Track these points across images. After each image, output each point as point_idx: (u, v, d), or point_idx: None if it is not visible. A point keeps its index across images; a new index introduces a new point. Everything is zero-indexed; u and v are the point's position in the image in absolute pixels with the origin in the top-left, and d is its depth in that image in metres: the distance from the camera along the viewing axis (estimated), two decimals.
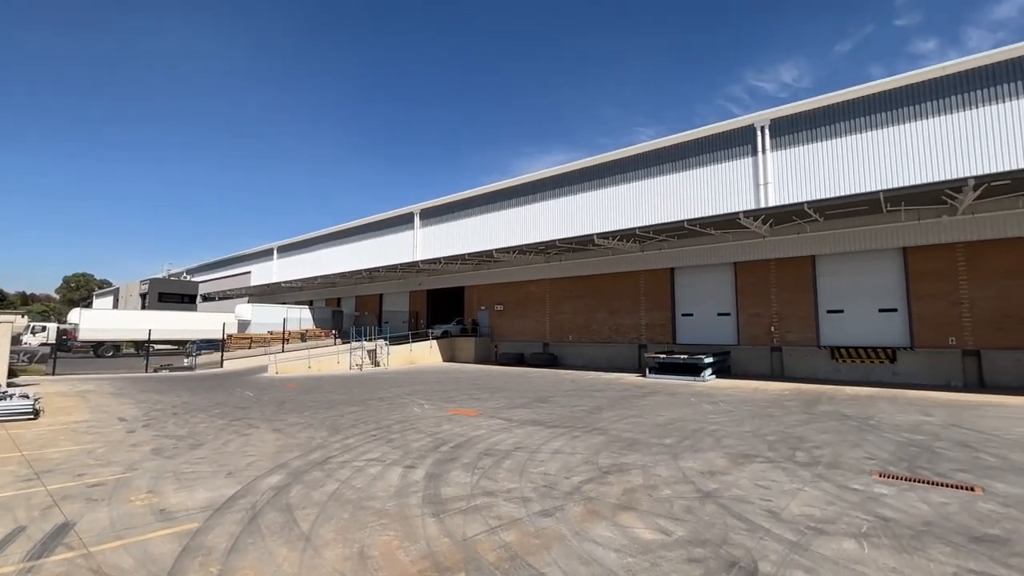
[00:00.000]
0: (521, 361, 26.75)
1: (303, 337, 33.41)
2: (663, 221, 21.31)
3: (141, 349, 32.75)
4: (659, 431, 9.38)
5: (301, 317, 36.36)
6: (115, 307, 58.82)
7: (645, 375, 19.53)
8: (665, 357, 19.13)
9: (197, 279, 60.65)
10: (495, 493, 5.86)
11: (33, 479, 6.58)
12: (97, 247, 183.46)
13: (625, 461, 7.25)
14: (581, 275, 25.92)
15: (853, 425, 9.78)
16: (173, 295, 52.42)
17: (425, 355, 28.59)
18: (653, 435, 9.02)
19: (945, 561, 4.09)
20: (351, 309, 41.68)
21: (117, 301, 63.11)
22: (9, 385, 15.57)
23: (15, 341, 21.60)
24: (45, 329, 37.56)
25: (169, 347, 35.34)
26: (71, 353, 33.27)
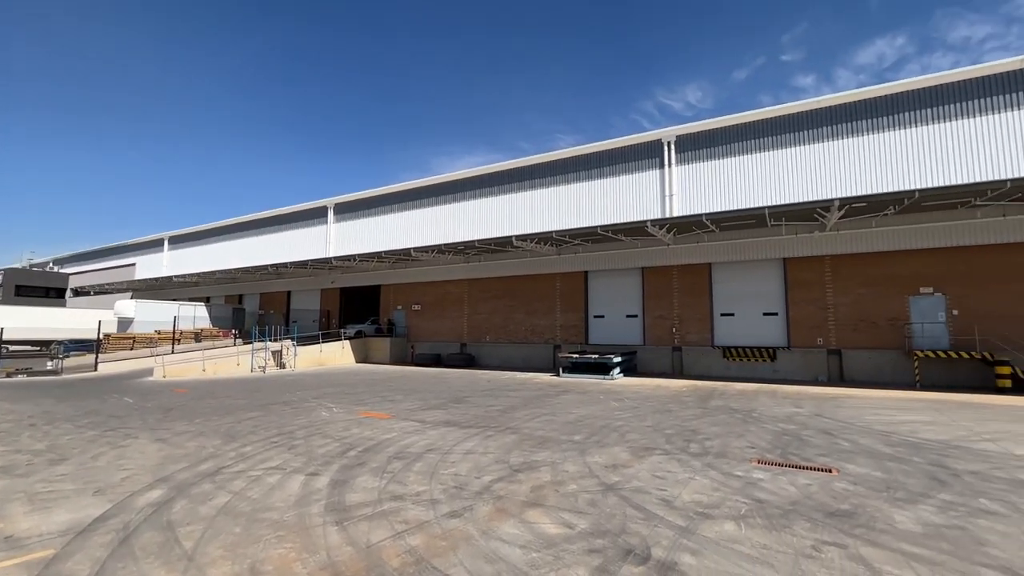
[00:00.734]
0: (438, 362, 26.48)
1: (197, 337, 30.52)
2: (579, 226, 22.17)
3: None
4: (569, 428, 9.73)
5: (196, 315, 33.20)
6: None
7: (559, 374, 20.17)
8: (578, 357, 19.88)
9: (68, 271, 53.12)
10: (403, 497, 5.74)
11: None
12: None
13: (536, 459, 7.43)
14: (499, 276, 26.21)
15: (739, 418, 10.80)
16: (35, 288, 45.39)
17: (337, 356, 27.33)
18: (563, 432, 9.33)
19: (805, 536, 4.64)
20: (255, 307, 38.78)
21: None
22: None
23: None
24: None
25: (29, 348, 30.59)
26: None
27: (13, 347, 28.41)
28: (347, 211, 33.06)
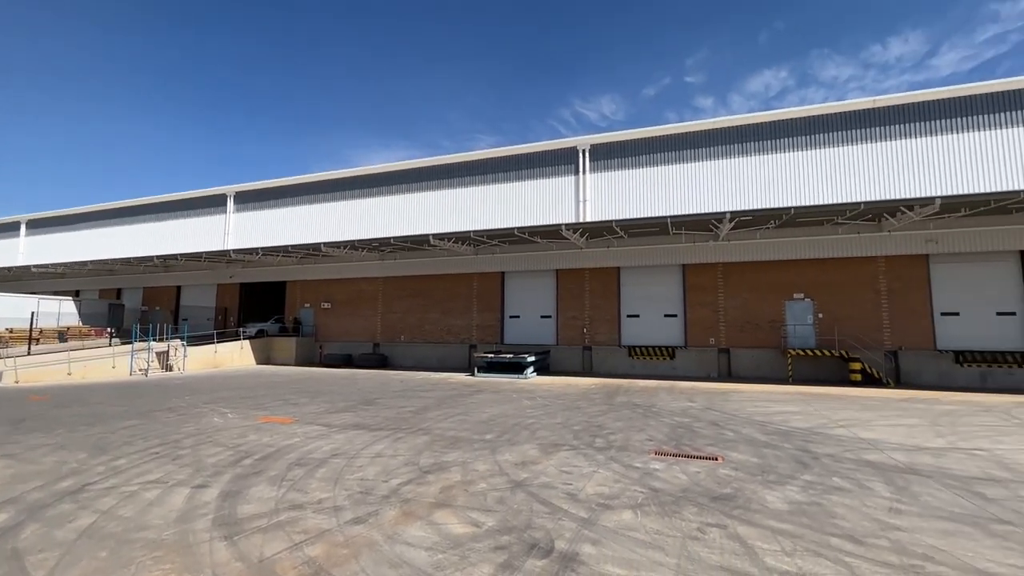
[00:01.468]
0: (349, 362, 25.42)
1: (63, 336, 26.63)
2: (497, 227, 22.40)
3: None
4: (482, 427, 9.79)
5: (61, 311, 28.94)
6: None
7: (474, 374, 20.22)
8: (493, 357, 20.07)
9: None
10: (303, 506, 5.44)
11: None
12: None
13: (446, 459, 7.39)
14: (416, 275, 25.74)
15: (640, 412, 11.52)
16: None
17: (235, 357, 25.24)
18: (476, 432, 9.37)
19: (693, 519, 5.06)
20: (137, 303, 34.64)
21: None
22: None
23: None
24: None
25: None
26: None
27: None
28: (250, 201, 30.63)
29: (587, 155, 22.72)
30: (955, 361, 17.40)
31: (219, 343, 24.88)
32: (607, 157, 22.52)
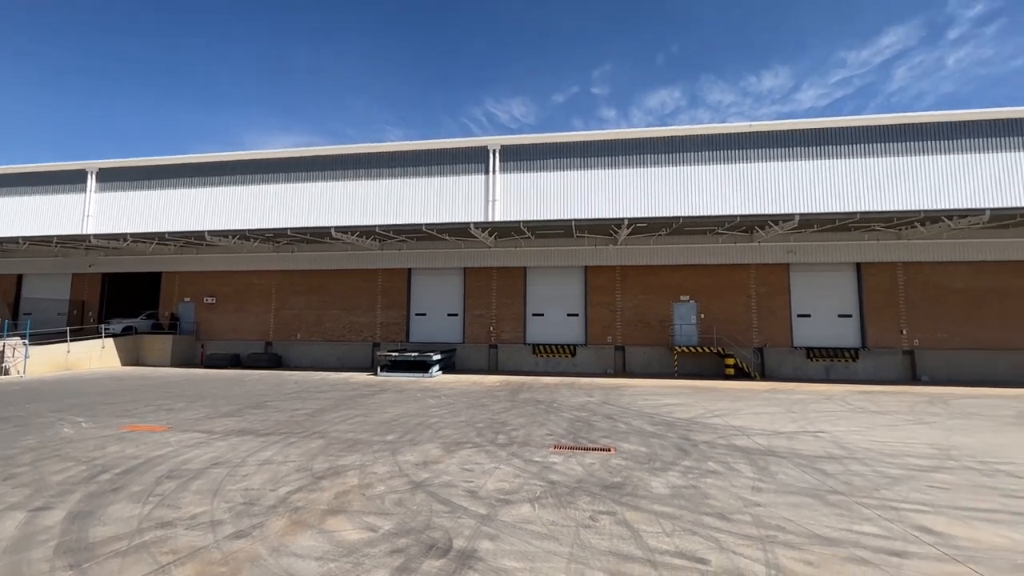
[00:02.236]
0: (236, 363, 23.33)
1: None
2: (404, 222, 21.86)
3: None
4: (383, 428, 9.50)
5: None
6: None
7: (377, 374, 19.57)
8: (397, 355, 19.57)
9: None
10: (174, 523, 4.88)
11: None
12: None
13: (343, 463, 7.06)
14: (316, 269, 24.30)
15: (542, 408, 11.90)
16: None
17: (93, 358, 22.02)
18: (376, 433, 9.06)
19: (586, 508, 5.33)
20: None
21: None
22: None
23: None
24: None
25: None
26: None
27: None
28: (118, 179, 26.83)
29: (498, 155, 22.97)
30: (807, 356, 20.15)
31: (74, 342, 21.50)
32: (517, 159, 22.94)
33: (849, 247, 20.30)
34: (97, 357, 22.19)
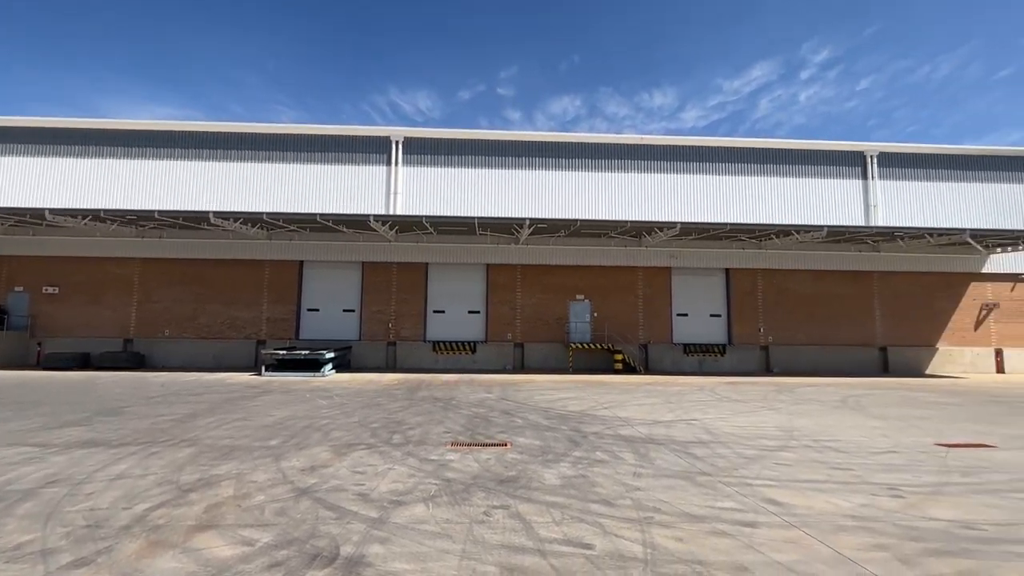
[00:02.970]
0: (86, 363, 20.11)
1: None
2: (297, 211, 20.41)
3: None
4: (265, 433, 8.78)
5: None
6: None
7: (261, 373, 18.05)
8: (285, 354, 18.23)
9: None
10: None
11: None
12: None
13: (217, 472, 6.41)
14: (190, 258, 21.77)
15: (440, 406, 11.80)
16: None
17: None
18: (257, 438, 8.35)
19: (480, 504, 5.38)
20: None
21: None
22: None
23: None
24: None
25: None
26: None
27: None
28: None
29: (401, 147, 22.31)
30: (684, 352, 22.25)
31: None
32: (421, 152, 22.47)
33: (720, 254, 22.75)
34: None
